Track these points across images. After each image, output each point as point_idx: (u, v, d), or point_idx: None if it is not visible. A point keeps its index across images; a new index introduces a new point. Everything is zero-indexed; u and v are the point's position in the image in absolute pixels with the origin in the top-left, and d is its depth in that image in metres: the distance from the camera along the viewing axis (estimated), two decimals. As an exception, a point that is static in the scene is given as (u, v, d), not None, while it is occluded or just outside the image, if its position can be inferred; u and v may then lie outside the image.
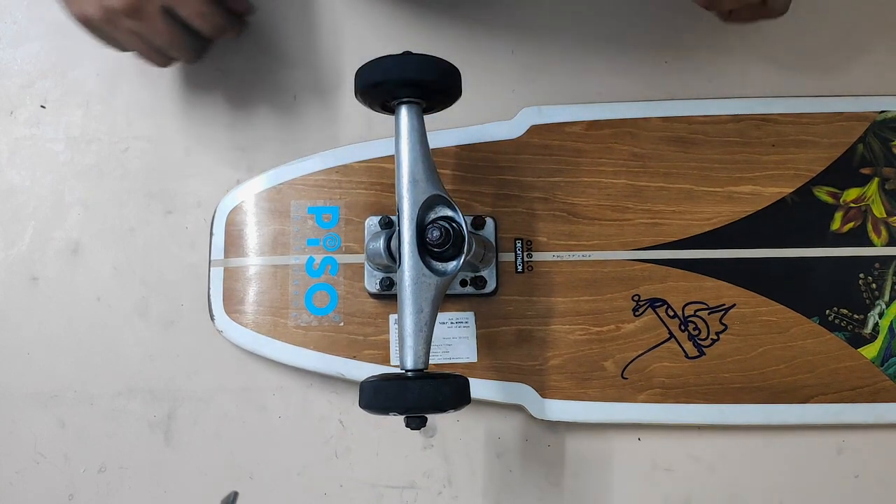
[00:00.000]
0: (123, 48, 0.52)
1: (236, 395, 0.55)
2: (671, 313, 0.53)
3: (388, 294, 0.52)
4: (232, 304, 0.54)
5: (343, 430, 0.55)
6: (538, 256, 0.54)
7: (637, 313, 0.53)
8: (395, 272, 0.50)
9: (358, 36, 0.59)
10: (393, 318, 0.53)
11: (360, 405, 0.41)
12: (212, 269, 0.55)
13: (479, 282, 0.52)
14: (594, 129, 0.55)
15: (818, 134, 0.55)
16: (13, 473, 0.55)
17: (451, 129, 0.55)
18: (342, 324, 0.53)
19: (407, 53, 0.44)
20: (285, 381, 0.55)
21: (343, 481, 0.54)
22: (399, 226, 0.44)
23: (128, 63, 0.60)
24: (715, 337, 0.53)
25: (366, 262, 0.53)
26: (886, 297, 0.53)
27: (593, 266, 0.53)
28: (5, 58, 0.61)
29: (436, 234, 0.43)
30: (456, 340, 0.53)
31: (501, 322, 0.53)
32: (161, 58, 0.53)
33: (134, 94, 0.60)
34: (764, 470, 0.54)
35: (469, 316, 0.53)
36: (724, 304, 0.53)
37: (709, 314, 0.53)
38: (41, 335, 0.57)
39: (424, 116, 0.46)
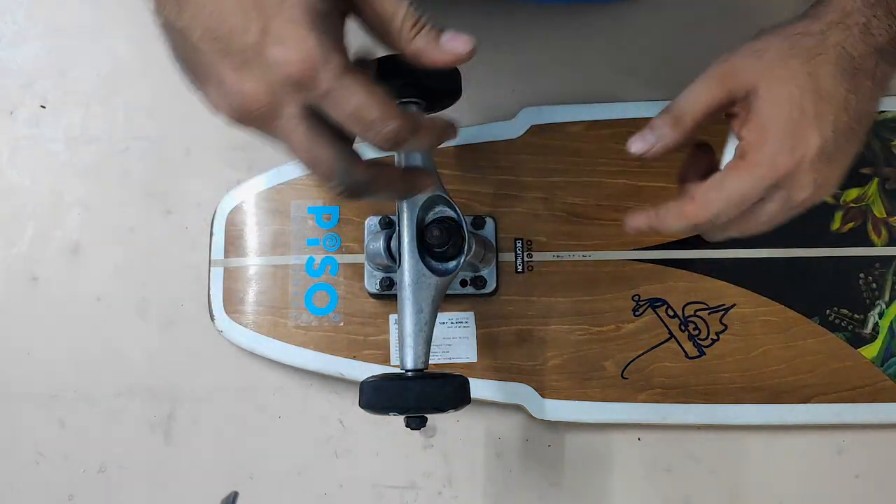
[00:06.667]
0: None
1: (236, 395, 0.55)
2: (671, 313, 0.53)
3: (388, 294, 0.52)
4: (232, 304, 0.54)
5: (343, 430, 0.55)
6: (538, 256, 0.54)
7: (637, 313, 0.53)
8: (395, 272, 0.50)
9: (358, 36, 0.59)
10: (393, 318, 0.53)
11: (360, 405, 0.41)
12: (212, 269, 0.55)
13: (479, 282, 0.52)
14: (594, 129, 0.55)
15: (818, 134, 0.55)
16: (13, 473, 0.55)
17: (451, 129, 0.55)
18: (342, 324, 0.53)
19: (407, 53, 0.44)
20: (285, 381, 0.55)
21: (343, 481, 0.54)
22: (399, 226, 0.44)
23: (128, 63, 0.60)
24: (715, 337, 0.53)
25: (366, 262, 0.52)
26: (886, 297, 0.53)
27: (593, 266, 0.53)
28: (5, 58, 0.61)
29: (436, 234, 0.43)
30: (456, 340, 0.53)
31: (501, 322, 0.53)
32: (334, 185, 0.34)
33: (134, 94, 0.60)
34: (764, 470, 0.54)
35: (469, 316, 0.53)
36: (724, 304, 0.53)
37: (709, 314, 0.53)
38: (41, 335, 0.57)
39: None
